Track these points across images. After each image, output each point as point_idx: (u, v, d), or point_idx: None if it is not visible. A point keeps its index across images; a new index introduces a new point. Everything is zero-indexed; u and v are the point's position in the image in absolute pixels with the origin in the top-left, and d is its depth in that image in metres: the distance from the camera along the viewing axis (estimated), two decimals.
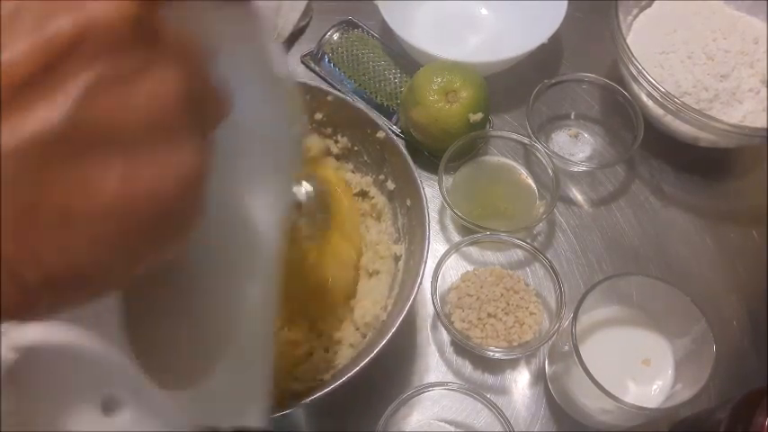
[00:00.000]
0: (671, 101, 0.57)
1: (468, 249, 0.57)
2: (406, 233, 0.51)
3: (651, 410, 0.44)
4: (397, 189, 0.52)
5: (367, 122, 0.52)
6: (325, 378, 0.47)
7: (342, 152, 0.55)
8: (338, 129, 0.54)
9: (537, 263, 0.56)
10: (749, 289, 0.59)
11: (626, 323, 0.51)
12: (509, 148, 0.63)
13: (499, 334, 0.52)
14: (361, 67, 0.66)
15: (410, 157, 0.50)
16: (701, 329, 0.46)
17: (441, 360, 0.55)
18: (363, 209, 0.55)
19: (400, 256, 0.51)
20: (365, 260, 0.54)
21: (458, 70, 0.58)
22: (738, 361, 0.56)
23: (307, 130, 0.53)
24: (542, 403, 0.53)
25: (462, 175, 0.61)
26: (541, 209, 0.59)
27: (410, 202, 0.50)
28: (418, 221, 0.48)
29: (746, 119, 0.60)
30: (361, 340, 0.48)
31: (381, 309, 0.49)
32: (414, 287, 0.45)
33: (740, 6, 0.65)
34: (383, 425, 0.46)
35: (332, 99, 0.52)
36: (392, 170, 0.52)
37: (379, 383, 0.52)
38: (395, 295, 0.49)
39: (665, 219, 0.63)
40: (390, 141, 0.51)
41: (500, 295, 0.54)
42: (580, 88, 0.67)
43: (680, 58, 0.61)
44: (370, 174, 0.54)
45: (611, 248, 0.60)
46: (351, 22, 0.69)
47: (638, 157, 0.65)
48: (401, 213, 0.52)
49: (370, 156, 0.54)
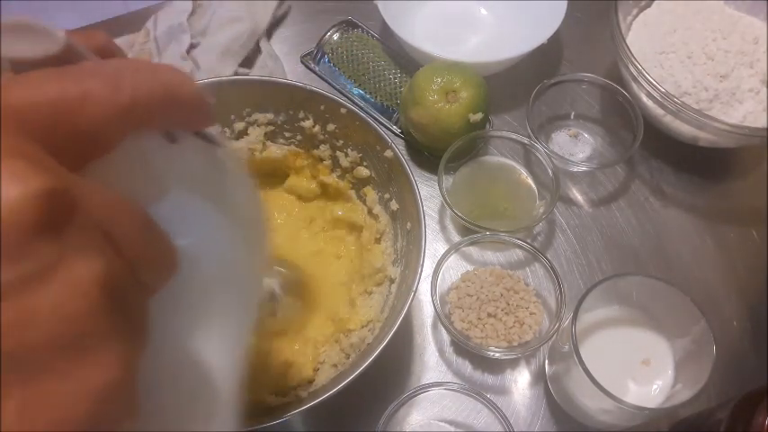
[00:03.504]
0: (671, 101, 0.57)
1: (468, 249, 0.57)
2: (402, 256, 0.51)
3: (651, 410, 0.44)
4: (400, 210, 0.52)
5: (377, 139, 0.51)
6: (302, 395, 0.47)
7: (351, 165, 0.56)
8: (349, 142, 0.54)
9: (537, 263, 0.56)
10: (749, 289, 0.59)
11: (626, 323, 0.51)
12: (509, 148, 0.63)
13: (499, 334, 0.52)
14: (360, 67, 0.66)
15: (415, 181, 0.49)
16: (701, 329, 0.46)
17: (441, 360, 0.55)
18: (368, 230, 0.55)
19: (394, 280, 0.50)
20: (360, 280, 0.53)
21: (458, 70, 0.58)
22: (738, 361, 0.56)
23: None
24: (542, 403, 0.53)
25: (462, 175, 0.61)
26: (541, 209, 0.59)
27: (410, 225, 0.50)
28: (415, 246, 0.48)
29: (746, 119, 0.60)
30: (344, 360, 0.48)
31: (369, 331, 0.48)
32: (401, 312, 0.44)
33: (740, 6, 0.65)
34: (383, 425, 0.46)
35: (345, 112, 0.52)
36: (397, 190, 0.52)
37: (379, 383, 0.52)
38: (383, 318, 0.48)
39: (665, 219, 0.63)
40: (398, 161, 0.50)
41: (500, 295, 0.54)
42: (580, 88, 0.67)
43: (680, 58, 0.61)
44: (377, 190, 0.54)
45: (611, 248, 0.60)
46: (351, 22, 0.69)
47: (638, 157, 0.65)
48: (401, 235, 0.52)
49: (378, 173, 0.53)
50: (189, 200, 0.24)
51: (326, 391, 0.42)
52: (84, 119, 0.18)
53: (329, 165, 0.56)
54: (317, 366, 0.49)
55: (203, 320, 0.25)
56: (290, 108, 0.54)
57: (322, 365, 0.49)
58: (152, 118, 0.21)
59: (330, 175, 0.56)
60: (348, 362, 0.47)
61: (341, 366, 0.48)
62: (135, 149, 0.21)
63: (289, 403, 0.46)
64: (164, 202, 0.23)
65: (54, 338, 0.16)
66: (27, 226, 0.15)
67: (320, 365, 0.49)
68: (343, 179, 0.56)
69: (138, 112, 0.20)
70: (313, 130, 0.54)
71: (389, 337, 0.43)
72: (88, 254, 0.16)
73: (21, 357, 0.15)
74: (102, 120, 0.19)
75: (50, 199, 0.15)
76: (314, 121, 0.54)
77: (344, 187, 0.56)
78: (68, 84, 0.18)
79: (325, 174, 0.56)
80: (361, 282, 0.53)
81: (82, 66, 0.19)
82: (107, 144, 0.19)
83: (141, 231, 0.19)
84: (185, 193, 0.24)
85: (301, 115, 0.54)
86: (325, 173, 0.56)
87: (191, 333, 0.24)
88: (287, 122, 0.55)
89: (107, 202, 0.18)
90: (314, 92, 0.53)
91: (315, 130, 0.54)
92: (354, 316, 0.51)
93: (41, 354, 0.16)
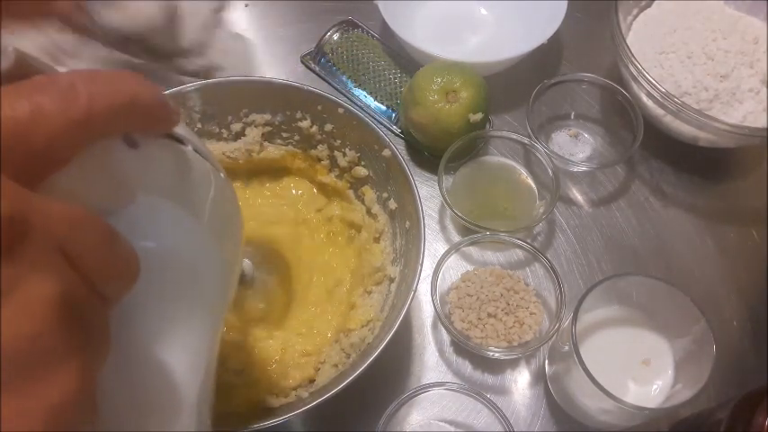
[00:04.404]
0: (671, 101, 0.57)
1: (468, 249, 0.57)
2: (402, 255, 0.51)
3: (651, 410, 0.44)
4: (399, 209, 0.52)
5: (374, 139, 0.51)
6: (303, 395, 0.47)
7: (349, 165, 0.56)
8: (346, 141, 0.54)
9: (537, 263, 0.56)
10: (749, 289, 0.59)
11: (626, 323, 0.51)
12: (509, 148, 0.63)
13: (499, 334, 0.52)
14: (360, 67, 0.66)
15: (414, 179, 0.49)
16: (701, 329, 0.46)
17: (441, 360, 0.55)
18: (366, 228, 0.55)
19: (394, 279, 0.50)
20: (361, 279, 0.53)
21: (458, 70, 0.58)
22: (738, 361, 0.56)
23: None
24: (542, 403, 0.53)
25: (462, 175, 0.61)
26: (541, 209, 0.59)
27: (409, 224, 0.50)
28: (414, 245, 0.48)
29: (746, 119, 0.60)
30: (345, 360, 0.48)
31: (369, 330, 0.48)
32: (401, 311, 0.44)
33: (740, 6, 0.65)
34: (383, 425, 0.46)
35: (342, 111, 0.52)
36: (396, 189, 0.52)
37: (379, 383, 0.52)
38: (383, 317, 0.48)
39: (665, 219, 0.63)
40: (396, 160, 0.50)
41: (500, 295, 0.54)
42: (580, 88, 0.67)
43: (680, 58, 0.61)
44: (375, 190, 0.54)
45: (611, 248, 0.60)
46: (351, 22, 0.69)
47: (638, 157, 0.65)
48: (400, 234, 0.52)
49: (376, 172, 0.53)
50: (155, 202, 0.24)
51: (327, 391, 0.42)
52: (37, 136, 0.18)
53: (327, 165, 0.56)
54: (318, 366, 0.50)
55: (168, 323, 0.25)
56: (288, 108, 0.54)
57: (323, 365, 0.49)
58: (111, 127, 0.21)
59: (328, 174, 0.56)
60: (348, 362, 0.47)
61: (341, 366, 0.48)
62: (95, 158, 0.21)
63: (290, 403, 0.46)
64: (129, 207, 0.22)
65: (11, 358, 0.16)
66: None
67: (321, 365, 0.49)
68: (342, 179, 0.56)
69: (95, 123, 0.20)
70: (311, 131, 0.54)
71: (390, 336, 0.43)
72: (43, 273, 0.17)
73: None
74: (56, 135, 0.19)
75: (4, 225, 0.16)
76: (311, 122, 0.54)
77: (343, 187, 0.56)
78: (18, 102, 0.18)
79: (323, 174, 0.56)
80: (360, 281, 0.53)
81: (33, 81, 0.19)
82: (65, 157, 0.19)
83: (99, 245, 0.19)
84: (151, 196, 0.24)
85: (299, 115, 0.54)
86: (323, 173, 0.56)
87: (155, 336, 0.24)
88: (284, 123, 0.55)
89: (64, 218, 0.18)
90: (311, 92, 0.53)
91: (312, 130, 0.54)
92: (354, 315, 0.50)
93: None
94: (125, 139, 0.22)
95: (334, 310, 0.53)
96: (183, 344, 0.25)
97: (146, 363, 0.24)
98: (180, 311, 0.25)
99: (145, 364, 0.24)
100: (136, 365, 0.23)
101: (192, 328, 0.26)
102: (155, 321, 0.24)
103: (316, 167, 0.57)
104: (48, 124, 0.18)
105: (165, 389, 0.25)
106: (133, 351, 0.23)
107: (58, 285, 0.17)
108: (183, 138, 0.26)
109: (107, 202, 0.22)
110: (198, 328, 0.26)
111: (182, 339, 0.25)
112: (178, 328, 0.25)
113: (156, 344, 0.24)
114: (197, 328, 0.26)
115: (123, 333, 0.20)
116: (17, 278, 0.16)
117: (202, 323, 0.27)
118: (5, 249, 0.16)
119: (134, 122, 0.22)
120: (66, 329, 0.17)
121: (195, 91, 0.52)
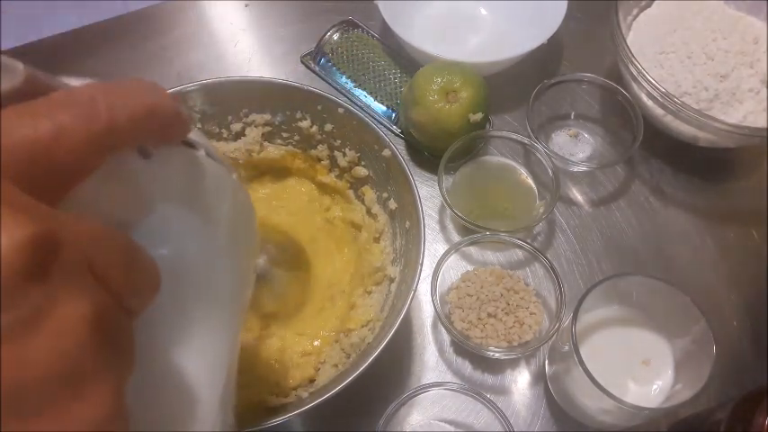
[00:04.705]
0: (671, 101, 0.57)
1: (468, 249, 0.57)
2: (402, 255, 0.51)
3: (651, 410, 0.44)
4: (399, 209, 0.52)
5: (374, 139, 0.51)
6: (303, 395, 0.47)
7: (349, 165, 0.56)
8: (346, 141, 0.54)
9: (537, 263, 0.56)
10: (749, 289, 0.59)
11: (626, 323, 0.51)
12: (509, 148, 0.63)
13: (499, 334, 0.52)
14: (360, 67, 0.66)
15: (414, 179, 0.49)
16: (701, 329, 0.46)
17: (441, 360, 0.55)
18: (366, 228, 0.55)
19: (394, 279, 0.50)
20: (361, 279, 0.53)
21: (458, 70, 0.58)
22: (738, 361, 0.56)
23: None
24: (542, 403, 0.53)
25: (462, 175, 0.61)
26: (541, 209, 0.59)
27: (409, 224, 0.50)
28: (414, 245, 0.48)
29: (746, 119, 0.60)
30: (345, 360, 0.48)
31: (369, 330, 0.48)
32: (401, 311, 0.44)
33: (740, 6, 0.65)
34: (383, 425, 0.46)
35: (343, 111, 0.52)
36: (396, 189, 0.52)
37: (379, 383, 0.52)
38: (383, 317, 0.48)
39: (665, 219, 0.63)
40: (395, 160, 0.50)
41: (500, 295, 0.54)
42: (580, 88, 0.67)
43: (680, 58, 0.61)
44: (375, 190, 0.54)
45: (611, 248, 0.60)
46: (351, 22, 0.69)
47: (638, 157, 0.65)
48: (400, 234, 0.51)
49: (376, 172, 0.53)
50: (170, 210, 0.24)
51: (327, 391, 0.42)
52: (60, 154, 0.18)
53: (327, 165, 0.56)
54: (318, 366, 0.50)
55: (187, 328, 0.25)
56: (288, 108, 0.54)
57: (323, 365, 0.49)
58: (131, 138, 0.21)
59: (328, 174, 0.56)
60: (348, 361, 0.47)
61: (341, 366, 0.48)
62: (111, 171, 0.21)
63: (290, 403, 0.46)
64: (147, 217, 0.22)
65: (49, 378, 0.16)
66: (15, 275, 0.15)
67: (321, 365, 0.49)
68: (342, 179, 0.56)
69: (116, 135, 0.20)
70: (310, 131, 0.54)
71: (390, 336, 0.43)
72: (75, 291, 0.17)
73: (18, 399, 0.15)
74: (78, 151, 0.19)
75: (35, 245, 0.16)
76: (311, 122, 0.54)
77: (343, 187, 0.56)
78: (40, 121, 0.18)
79: (323, 174, 0.56)
80: (360, 281, 0.53)
81: (51, 98, 0.19)
82: (85, 172, 0.19)
83: (123, 259, 0.19)
84: (166, 204, 0.24)
85: (299, 115, 0.54)
86: (323, 173, 0.56)
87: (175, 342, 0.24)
88: (284, 123, 0.55)
89: (88, 234, 0.18)
90: (311, 92, 0.53)
91: (312, 130, 0.54)
92: (354, 315, 0.50)
93: (38, 394, 0.16)
94: (139, 150, 0.22)
95: (334, 310, 0.53)
96: (203, 348, 0.25)
97: (167, 369, 0.24)
98: (198, 316, 0.25)
99: (166, 370, 0.24)
100: (158, 373, 0.24)
101: (211, 331, 0.26)
102: (174, 328, 0.24)
103: (316, 167, 0.57)
104: (70, 142, 0.18)
105: (189, 393, 0.25)
106: (154, 359, 0.23)
107: (90, 303, 0.17)
108: (195, 142, 0.26)
109: (125, 214, 0.22)
110: (217, 330, 0.26)
111: (202, 344, 0.25)
112: (197, 332, 0.25)
113: (177, 350, 0.24)
114: (216, 331, 0.26)
115: (144, 342, 0.20)
116: (52, 298, 0.16)
117: (221, 325, 0.27)
118: (37, 269, 0.16)
119: (152, 133, 0.22)
120: (98, 347, 0.17)
121: (195, 91, 0.52)
